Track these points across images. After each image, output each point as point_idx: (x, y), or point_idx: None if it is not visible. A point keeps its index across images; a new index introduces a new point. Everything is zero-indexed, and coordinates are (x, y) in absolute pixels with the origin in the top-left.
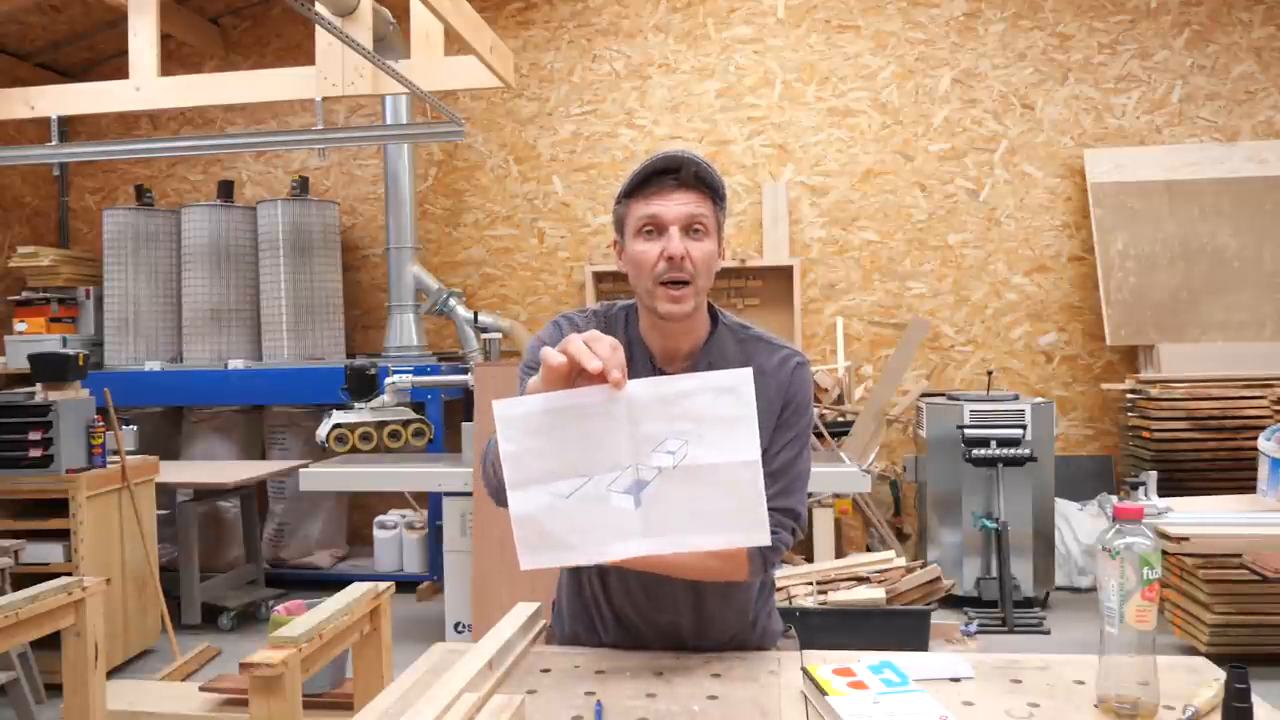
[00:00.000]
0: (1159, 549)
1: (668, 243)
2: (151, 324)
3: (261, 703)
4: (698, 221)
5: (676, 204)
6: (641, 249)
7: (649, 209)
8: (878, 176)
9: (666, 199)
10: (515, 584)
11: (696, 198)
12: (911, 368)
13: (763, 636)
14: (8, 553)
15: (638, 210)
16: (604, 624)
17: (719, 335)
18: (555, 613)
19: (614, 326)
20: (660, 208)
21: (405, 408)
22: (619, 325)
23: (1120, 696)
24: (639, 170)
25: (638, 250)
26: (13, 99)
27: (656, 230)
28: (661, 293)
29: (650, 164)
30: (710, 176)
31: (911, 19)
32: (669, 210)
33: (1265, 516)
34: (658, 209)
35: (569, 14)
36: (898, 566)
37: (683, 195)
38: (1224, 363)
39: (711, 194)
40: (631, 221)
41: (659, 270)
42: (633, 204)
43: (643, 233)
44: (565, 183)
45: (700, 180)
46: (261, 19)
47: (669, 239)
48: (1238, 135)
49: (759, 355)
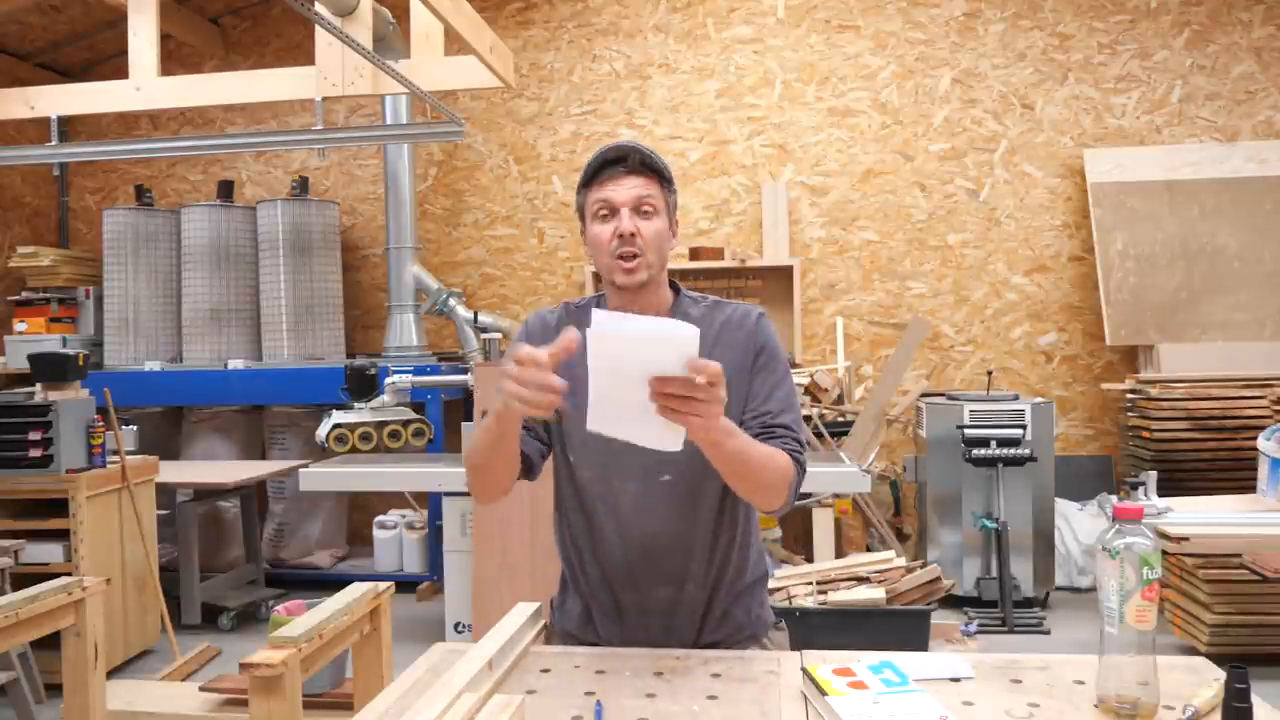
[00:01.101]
0: (1159, 549)
1: (619, 222)
2: (151, 324)
3: (261, 703)
4: (646, 203)
5: (626, 188)
6: (598, 230)
7: (602, 193)
8: (878, 176)
9: (617, 184)
10: (515, 584)
11: (644, 181)
12: (911, 368)
13: (756, 624)
14: (8, 553)
15: (593, 196)
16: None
17: (681, 303)
18: (554, 610)
19: (584, 315)
20: (611, 192)
21: (405, 408)
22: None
23: (1120, 696)
24: (591, 161)
25: (595, 232)
26: (13, 99)
27: (610, 212)
28: (618, 266)
29: (600, 155)
30: (654, 161)
31: (911, 19)
32: (619, 193)
33: (1265, 516)
34: (609, 193)
35: (569, 14)
36: (898, 566)
37: (631, 180)
38: (1224, 363)
39: (658, 177)
40: (589, 207)
41: (613, 247)
42: (589, 192)
43: (598, 216)
44: (565, 183)
45: (645, 165)
46: (261, 19)
47: (620, 219)
48: (1238, 135)
49: (721, 312)
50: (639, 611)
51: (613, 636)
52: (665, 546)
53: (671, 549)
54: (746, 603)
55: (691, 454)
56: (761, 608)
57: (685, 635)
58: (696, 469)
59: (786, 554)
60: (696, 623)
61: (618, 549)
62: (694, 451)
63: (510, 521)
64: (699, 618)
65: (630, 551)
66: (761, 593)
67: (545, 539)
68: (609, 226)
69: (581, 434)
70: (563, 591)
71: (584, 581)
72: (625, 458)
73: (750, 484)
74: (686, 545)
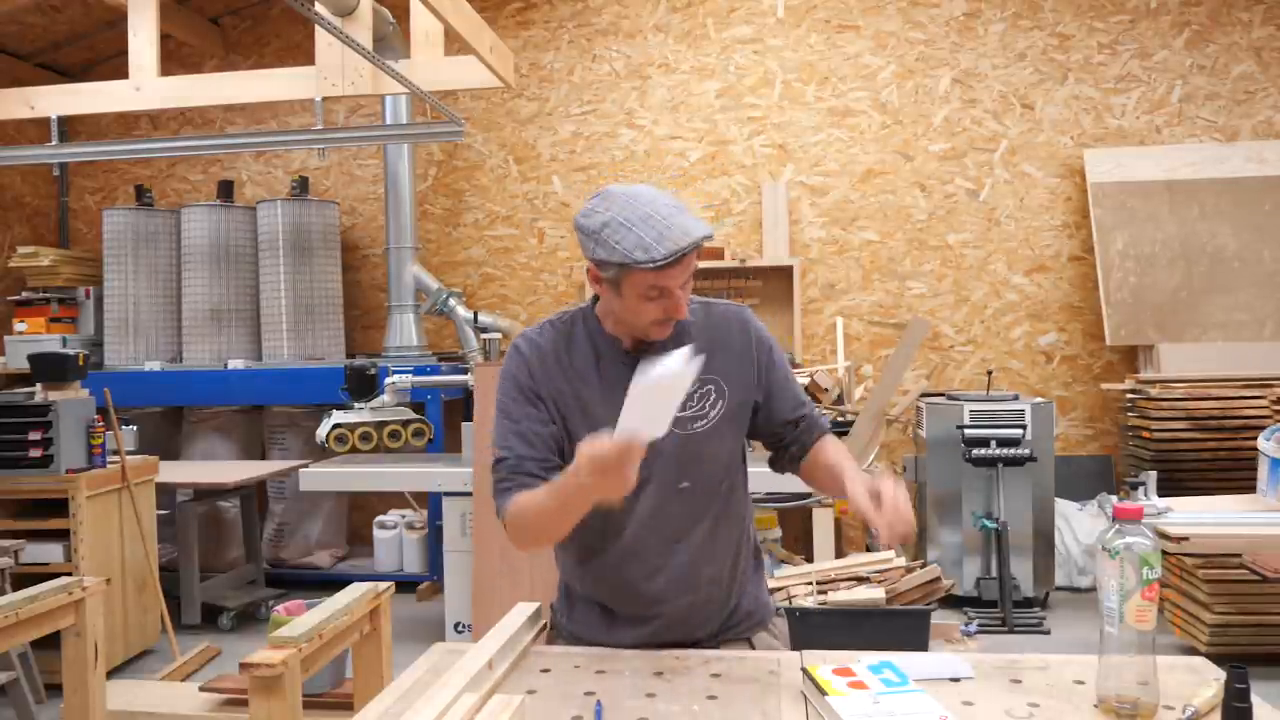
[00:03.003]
0: (1159, 549)
1: (674, 304)
2: (151, 324)
3: (261, 703)
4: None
5: (681, 269)
6: (643, 307)
7: (661, 282)
8: (878, 176)
9: (677, 269)
10: (515, 584)
11: (694, 255)
12: (911, 368)
13: (763, 610)
14: (8, 553)
15: (646, 280)
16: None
17: None
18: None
19: (573, 330)
20: (670, 280)
21: (405, 408)
22: (578, 328)
23: (1120, 696)
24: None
25: (641, 307)
26: (13, 99)
27: (663, 294)
28: (656, 330)
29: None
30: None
31: (911, 19)
32: (676, 281)
33: (1265, 516)
34: (670, 282)
35: (569, 14)
36: (898, 566)
37: (689, 260)
38: (1224, 363)
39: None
40: (637, 285)
41: (656, 319)
42: (641, 273)
43: (648, 296)
44: (565, 183)
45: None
46: (261, 19)
47: (675, 301)
48: (1237, 135)
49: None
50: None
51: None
52: (683, 551)
53: (689, 554)
54: (753, 591)
55: (707, 460)
56: (763, 592)
57: (702, 633)
58: (711, 474)
59: (786, 554)
60: (713, 621)
61: (636, 556)
62: (709, 457)
63: None
64: (716, 616)
65: (649, 558)
66: (761, 578)
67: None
68: (657, 305)
69: None
70: (567, 598)
71: (599, 588)
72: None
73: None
74: (703, 549)
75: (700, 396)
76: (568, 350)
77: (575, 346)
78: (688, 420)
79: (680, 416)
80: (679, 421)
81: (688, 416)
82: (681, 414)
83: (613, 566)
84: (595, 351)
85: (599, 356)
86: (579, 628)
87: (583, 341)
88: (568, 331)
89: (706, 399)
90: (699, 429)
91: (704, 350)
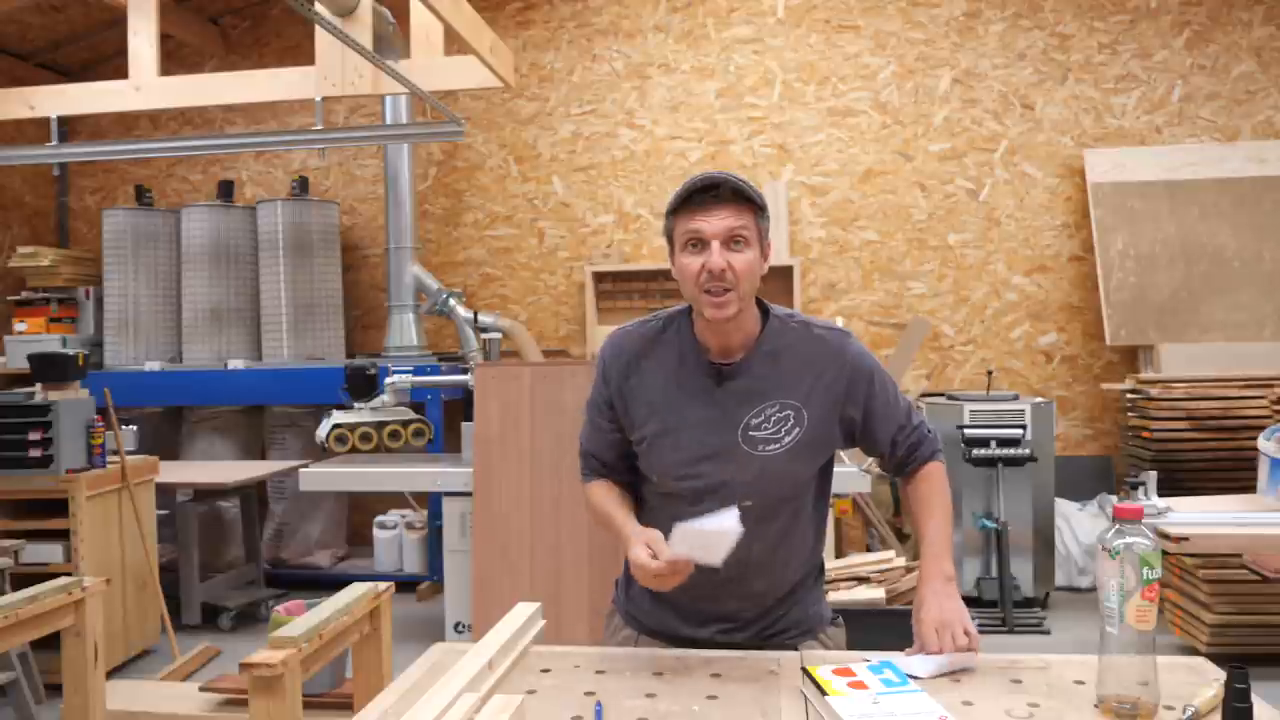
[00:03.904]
0: (1159, 549)
1: (709, 256)
2: (151, 324)
3: (261, 703)
4: (738, 234)
5: (717, 219)
6: (686, 262)
7: (692, 224)
8: (878, 176)
9: (708, 214)
10: (515, 584)
11: (736, 210)
12: (911, 368)
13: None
14: (8, 553)
15: (682, 225)
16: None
17: (771, 327)
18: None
19: (664, 331)
20: (702, 223)
21: (405, 408)
22: (673, 330)
23: (1120, 696)
24: (680, 190)
25: (684, 263)
26: (13, 99)
27: (700, 244)
28: (706, 300)
29: (691, 183)
30: (748, 190)
31: (911, 19)
32: (710, 225)
33: (1265, 516)
34: (700, 224)
35: (569, 14)
36: (898, 566)
37: (723, 210)
38: (1224, 363)
39: (752, 206)
40: (678, 236)
41: (702, 280)
42: (678, 219)
43: (688, 246)
44: (565, 183)
45: (739, 194)
46: (261, 19)
47: (710, 253)
48: (1238, 135)
49: (812, 334)
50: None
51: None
52: (743, 568)
53: (744, 569)
54: (807, 602)
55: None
56: (818, 603)
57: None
58: (777, 497)
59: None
60: (760, 626)
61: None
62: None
63: (511, 521)
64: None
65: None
66: (817, 588)
67: (545, 538)
68: (698, 259)
69: (665, 460)
70: (627, 576)
71: None
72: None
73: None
74: (759, 566)
75: (778, 421)
76: (650, 352)
77: (660, 348)
78: (759, 441)
79: (753, 436)
80: (751, 441)
81: (761, 437)
82: (755, 433)
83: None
84: (679, 356)
85: (681, 362)
86: (633, 606)
87: (671, 343)
88: (658, 331)
89: (784, 424)
90: (770, 452)
91: (794, 371)
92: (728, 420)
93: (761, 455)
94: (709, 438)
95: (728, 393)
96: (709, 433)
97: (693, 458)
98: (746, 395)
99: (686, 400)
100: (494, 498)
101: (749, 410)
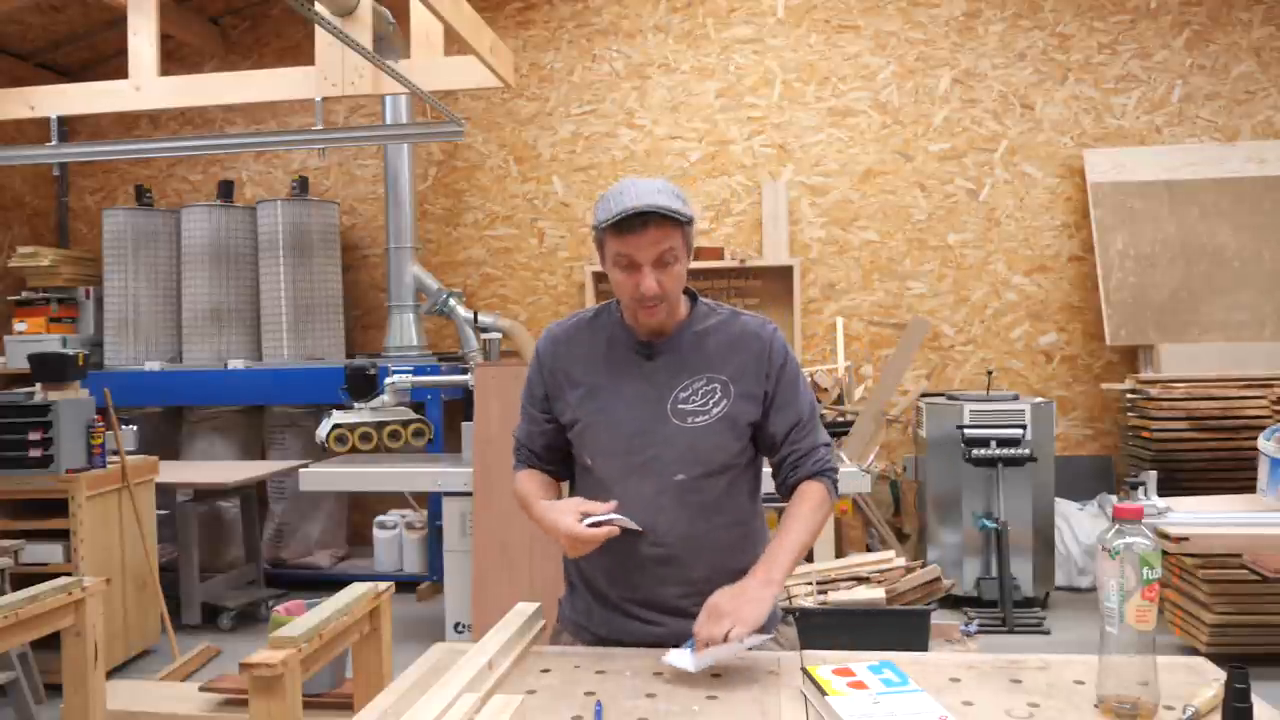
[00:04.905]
0: (1159, 549)
1: (642, 279)
2: (151, 324)
3: (261, 703)
4: (667, 255)
5: (648, 243)
6: (619, 278)
7: (624, 248)
8: (878, 176)
9: (639, 239)
10: (515, 584)
11: (665, 232)
12: (911, 368)
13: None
14: (8, 553)
15: (613, 245)
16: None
17: (698, 310)
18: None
19: (597, 319)
20: (633, 249)
21: (405, 408)
22: (603, 317)
23: (1120, 696)
24: (608, 215)
25: (616, 277)
26: (13, 99)
27: (632, 264)
28: (638, 308)
29: (621, 211)
30: (678, 214)
31: (911, 19)
32: (641, 252)
33: (1265, 516)
34: (631, 250)
35: (569, 14)
36: (898, 566)
37: (653, 234)
38: (1224, 363)
39: (680, 222)
40: (608, 252)
41: (635, 295)
42: (608, 237)
43: (619, 264)
44: (565, 183)
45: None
46: (261, 19)
47: (642, 275)
48: (1238, 135)
49: (737, 322)
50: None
51: (620, 632)
52: (678, 544)
53: (684, 547)
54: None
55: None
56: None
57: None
58: (707, 471)
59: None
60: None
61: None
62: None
63: (510, 521)
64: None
65: (644, 548)
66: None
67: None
68: (630, 278)
69: (599, 439)
70: (570, 585)
71: (595, 577)
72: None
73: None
74: (699, 544)
75: (705, 394)
76: (584, 337)
77: (593, 334)
78: (688, 414)
79: (681, 409)
80: (680, 414)
81: (689, 410)
82: (683, 406)
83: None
84: (609, 339)
85: (611, 344)
86: (579, 615)
87: (601, 329)
88: (591, 320)
89: (711, 396)
90: (698, 423)
91: (721, 349)
92: (657, 394)
93: (690, 428)
94: (640, 411)
95: (657, 366)
96: (640, 407)
97: (626, 433)
98: (675, 370)
99: (618, 377)
100: (494, 498)
101: (678, 384)
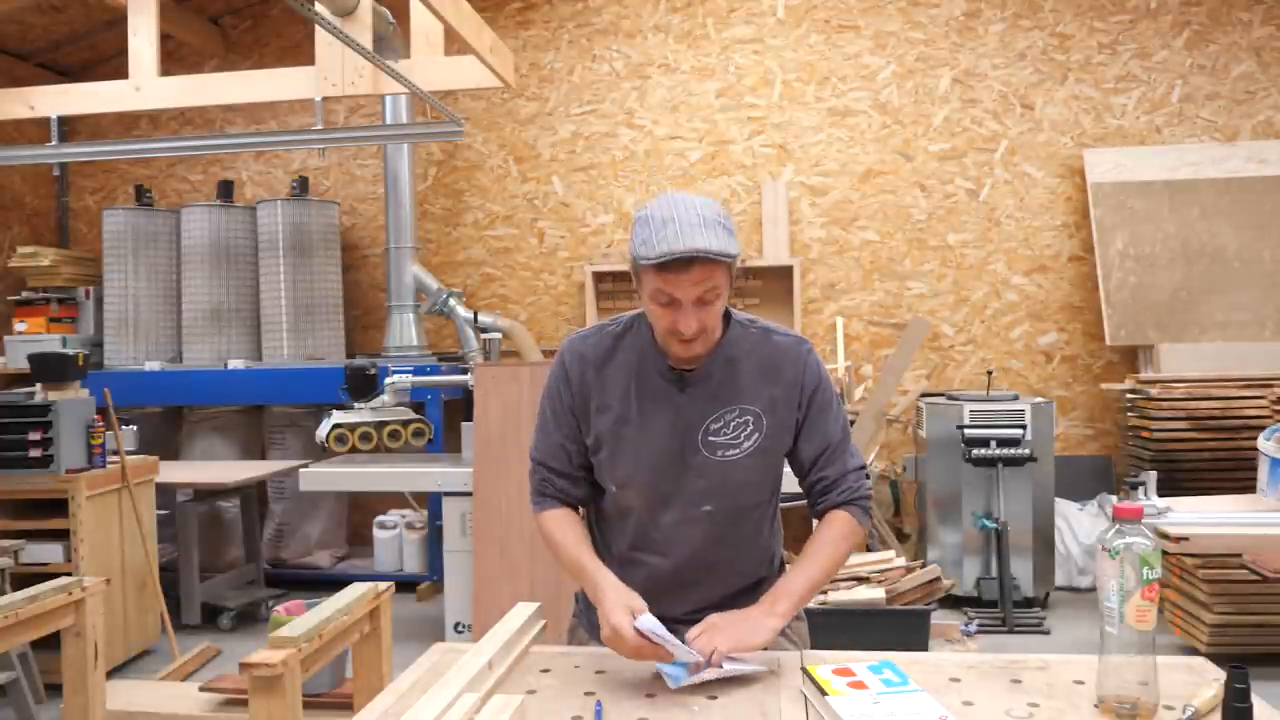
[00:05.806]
0: (1159, 549)
1: (682, 317)
2: (151, 324)
3: (261, 703)
4: (710, 293)
5: (690, 283)
6: (657, 311)
7: (665, 285)
8: (878, 176)
9: (682, 277)
10: (515, 584)
11: (709, 271)
12: (911, 368)
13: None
14: (8, 553)
15: (652, 281)
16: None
17: (732, 333)
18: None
19: (624, 336)
20: (674, 288)
21: (405, 408)
22: (630, 335)
23: (1120, 696)
24: (653, 257)
25: (653, 311)
26: (13, 99)
27: (671, 300)
28: (672, 342)
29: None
30: (725, 251)
31: (911, 19)
32: (682, 290)
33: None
34: (672, 289)
35: (569, 14)
36: (898, 566)
37: (697, 274)
38: (1224, 363)
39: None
40: (646, 286)
41: (673, 331)
42: (647, 272)
43: (658, 299)
44: (565, 183)
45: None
46: (261, 19)
47: (683, 314)
48: (1238, 135)
49: (771, 341)
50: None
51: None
52: (701, 571)
53: (707, 574)
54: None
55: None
56: None
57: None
58: (737, 503)
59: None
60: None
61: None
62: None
63: (511, 521)
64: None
65: (665, 566)
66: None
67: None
68: (668, 314)
69: (626, 467)
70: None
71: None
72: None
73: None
74: (721, 570)
75: (737, 426)
76: (611, 357)
77: (620, 353)
78: (719, 446)
79: (712, 441)
80: (710, 446)
81: (720, 443)
82: (714, 438)
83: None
84: (640, 361)
85: (642, 368)
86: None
87: (629, 349)
88: (617, 337)
89: (743, 429)
90: (729, 457)
91: (754, 377)
92: (688, 425)
93: (720, 461)
94: (669, 443)
95: (689, 398)
96: (669, 438)
97: (654, 464)
98: (707, 401)
99: (647, 405)
100: (494, 498)
101: (709, 416)
